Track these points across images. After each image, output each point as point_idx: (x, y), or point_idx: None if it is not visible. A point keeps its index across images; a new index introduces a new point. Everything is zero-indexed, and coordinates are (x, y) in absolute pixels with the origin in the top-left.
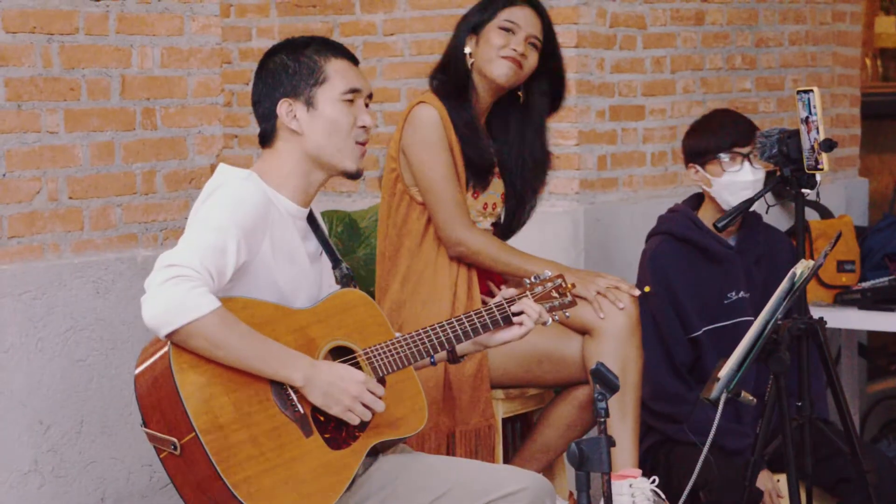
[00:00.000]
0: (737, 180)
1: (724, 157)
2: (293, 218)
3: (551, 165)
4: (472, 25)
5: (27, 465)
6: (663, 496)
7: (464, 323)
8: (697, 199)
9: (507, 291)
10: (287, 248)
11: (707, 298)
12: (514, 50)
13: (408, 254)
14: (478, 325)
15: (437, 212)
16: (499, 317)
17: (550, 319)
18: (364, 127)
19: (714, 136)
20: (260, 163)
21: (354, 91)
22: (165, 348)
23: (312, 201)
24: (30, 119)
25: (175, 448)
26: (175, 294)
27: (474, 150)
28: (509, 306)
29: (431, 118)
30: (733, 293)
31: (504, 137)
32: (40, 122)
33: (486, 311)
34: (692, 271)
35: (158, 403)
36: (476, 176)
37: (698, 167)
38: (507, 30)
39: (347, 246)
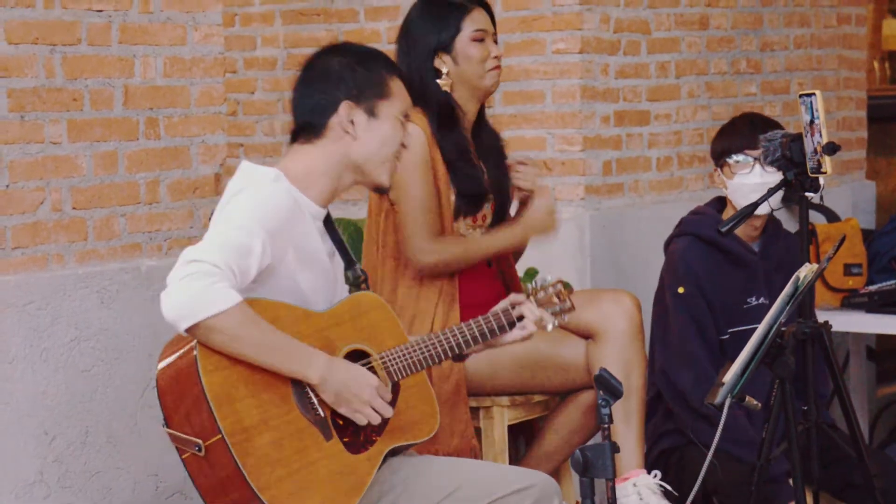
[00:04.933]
0: (745, 183)
1: (734, 158)
2: (314, 219)
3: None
4: (435, 46)
5: (32, 476)
6: (669, 488)
7: (472, 329)
8: (720, 202)
9: (512, 297)
10: (310, 251)
11: (729, 302)
12: (496, 58)
13: (392, 269)
14: (486, 330)
15: (403, 233)
16: (504, 322)
17: (551, 324)
18: (403, 146)
19: (728, 138)
20: (288, 161)
21: (407, 114)
22: (190, 345)
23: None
24: (33, 129)
25: (199, 449)
26: (196, 288)
27: (465, 179)
28: (513, 311)
29: (417, 138)
30: (753, 298)
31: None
32: (43, 133)
33: (493, 316)
34: (717, 274)
35: (183, 404)
36: (468, 204)
37: (718, 169)
38: (479, 40)
39: (352, 254)
